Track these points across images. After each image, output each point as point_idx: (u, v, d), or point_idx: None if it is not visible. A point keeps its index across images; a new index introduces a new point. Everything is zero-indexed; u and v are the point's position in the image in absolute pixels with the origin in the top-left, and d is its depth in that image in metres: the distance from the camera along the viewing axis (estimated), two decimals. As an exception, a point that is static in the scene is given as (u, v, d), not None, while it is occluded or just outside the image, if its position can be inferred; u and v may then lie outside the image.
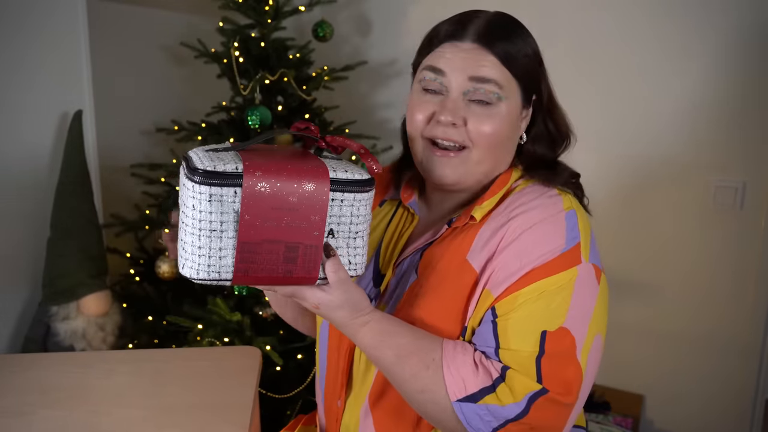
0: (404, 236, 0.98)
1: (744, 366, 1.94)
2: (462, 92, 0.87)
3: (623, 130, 2.01)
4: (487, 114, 0.86)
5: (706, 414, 2.02)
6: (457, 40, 0.87)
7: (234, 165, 0.69)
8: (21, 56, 1.73)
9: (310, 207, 0.71)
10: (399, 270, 0.94)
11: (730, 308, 1.94)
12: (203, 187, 0.68)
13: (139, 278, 2.01)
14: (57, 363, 1.13)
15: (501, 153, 0.90)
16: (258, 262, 0.71)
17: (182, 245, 0.72)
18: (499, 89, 0.86)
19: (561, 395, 0.78)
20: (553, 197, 0.87)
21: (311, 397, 1.72)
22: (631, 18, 1.95)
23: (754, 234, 1.88)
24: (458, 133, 0.87)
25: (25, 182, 1.79)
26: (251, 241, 0.70)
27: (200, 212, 0.69)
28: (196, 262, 0.71)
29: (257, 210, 0.69)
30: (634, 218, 2.03)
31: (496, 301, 0.81)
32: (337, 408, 0.96)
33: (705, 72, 1.88)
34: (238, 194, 0.69)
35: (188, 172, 0.70)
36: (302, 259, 0.73)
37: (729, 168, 1.89)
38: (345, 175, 0.74)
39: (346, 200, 0.74)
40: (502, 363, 0.79)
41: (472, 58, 0.86)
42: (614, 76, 2.00)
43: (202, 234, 0.70)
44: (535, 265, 0.81)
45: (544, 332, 0.79)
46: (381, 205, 1.05)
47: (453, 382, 0.78)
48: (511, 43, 0.87)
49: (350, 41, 2.48)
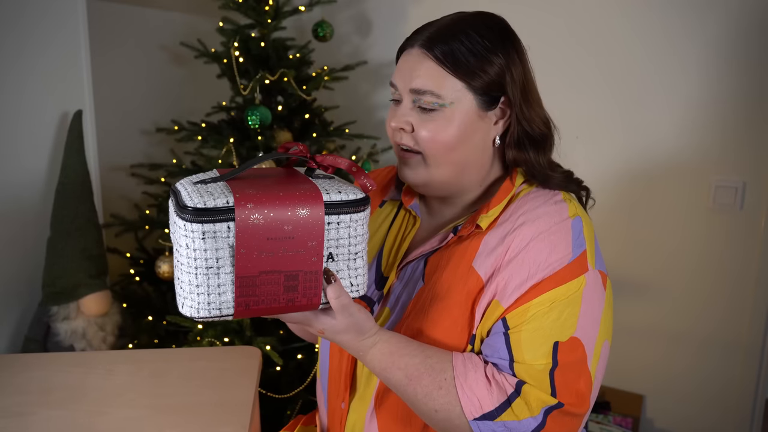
0: (407, 240, 0.98)
1: (744, 366, 1.94)
2: (411, 102, 0.89)
3: (623, 131, 2.01)
4: (429, 119, 0.87)
5: (706, 414, 2.02)
6: (409, 47, 0.90)
7: (224, 198, 0.68)
8: (21, 56, 1.73)
9: (307, 233, 0.70)
10: (403, 274, 0.94)
11: (730, 308, 1.94)
12: (195, 225, 0.67)
13: (139, 278, 2.01)
14: (57, 363, 1.13)
15: (459, 156, 0.88)
16: (258, 294, 0.70)
17: (179, 284, 0.71)
18: (438, 98, 0.86)
19: (575, 407, 0.79)
20: (559, 203, 0.87)
21: (311, 397, 1.72)
22: (632, 18, 1.95)
23: (754, 234, 1.88)
24: (409, 138, 0.89)
25: (25, 182, 1.79)
26: (249, 275, 0.69)
27: (195, 251, 0.68)
28: (195, 301, 0.70)
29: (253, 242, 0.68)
30: (634, 218, 2.03)
31: (507, 312, 0.82)
32: (341, 410, 0.96)
33: (705, 72, 1.88)
34: (231, 229, 0.68)
35: (179, 211, 0.68)
36: (303, 286, 0.72)
37: (729, 168, 1.89)
38: (339, 196, 0.72)
39: (343, 222, 0.73)
40: (516, 377, 0.79)
41: (412, 67, 0.88)
42: (614, 77, 2.00)
43: (198, 272, 0.68)
44: (544, 276, 0.81)
45: (557, 343, 0.80)
46: (381, 205, 1.04)
47: (468, 402, 0.78)
48: (456, 44, 0.86)
49: (350, 41, 2.48)
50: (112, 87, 2.11)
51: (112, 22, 2.13)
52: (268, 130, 1.87)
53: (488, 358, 0.82)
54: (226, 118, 2.00)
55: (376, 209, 1.04)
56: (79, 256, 1.74)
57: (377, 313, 0.94)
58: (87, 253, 1.76)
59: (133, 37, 2.22)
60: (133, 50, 2.23)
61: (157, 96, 2.32)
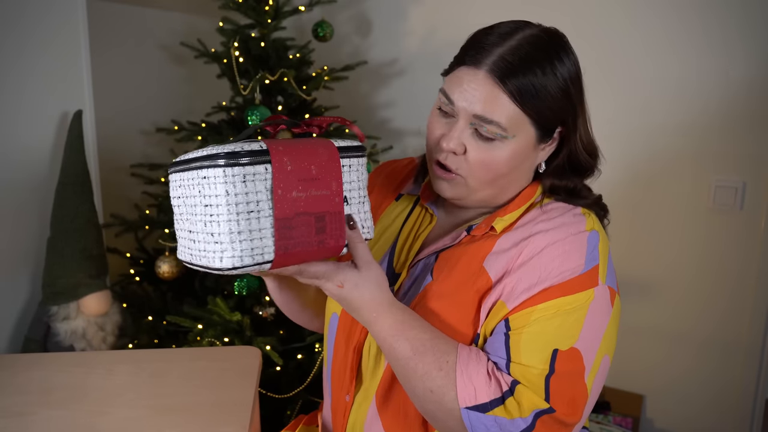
0: (421, 237, 0.97)
1: (744, 366, 1.94)
2: (468, 122, 0.85)
3: (623, 131, 2.01)
4: (487, 149, 0.85)
5: (706, 414, 2.02)
6: (473, 66, 0.84)
7: (257, 144, 0.70)
8: (21, 56, 1.73)
9: (329, 174, 0.74)
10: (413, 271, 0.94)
11: (730, 308, 1.94)
12: (237, 168, 0.68)
13: (139, 278, 2.01)
14: (57, 363, 1.13)
15: (503, 182, 0.89)
16: (294, 237, 0.72)
17: (211, 239, 0.71)
18: (503, 130, 0.83)
19: (566, 415, 0.78)
20: (577, 216, 0.87)
21: (311, 397, 1.72)
22: (632, 18, 1.95)
23: (754, 234, 1.88)
24: (456, 161, 0.87)
25: (25, 182, 1.79)
26: (286, 216, 0.71)
27: (236, 195, 0.69)
28: (237, 249, 0.69)
29: (287, 183, 0.71)
30: (634, 218, 2.04)
31: (511, 314, 0.82)
32: (345, 403, 0.96)
33: (705, 72, 1.88)
34: (269, 170, 0.70)
35: (213, 161, 0.69)
36: (330, 227, 0.75)
37: (729, 168, 1.89)
38: (345, 143, 0.78)
39: (353, 165, 0.78)
40: (512, 377, 0.79)
41: (480, 91, 0.83)
42: (614, 77, 2.00)
43: (240, 218, 0.69)
44: (553, 283, 0.81)
45: (556, 350, 0.79)
46: (398, 199, 1.04)
47: (464, 389, 0.78)
48: (530, 78, 0.82)
49: (350, 41, 2.48)
50: (112, 87, 2.11)
51: (112, 22, 2.13)
52: (268, 130, 1.86)
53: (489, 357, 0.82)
54: (226, 118, 2.00)
55: (391, 202, 1.04)
56: (79, 256, 1.74)
57: None
58: (87, 253, 1.76)
59: (133, 37, 2.22)
60: (133, 50, 2.23)
61: (156, 96, 2.32)
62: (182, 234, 0.78)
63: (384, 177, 1.08)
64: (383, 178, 1.08)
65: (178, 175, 0.77)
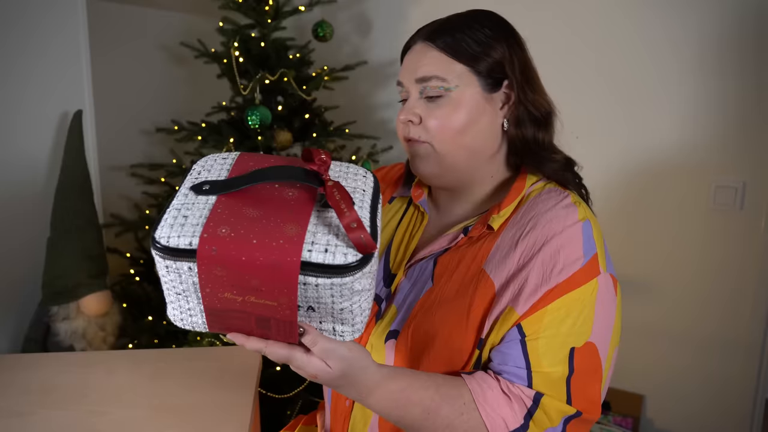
0: (415, 237, 0.98)
1: (744, 366, 1.94)
2: (418, 94, 0.91)
3: (623, 131, 2.01)
4: (437, 107, 0.89)
5: (707, 414, 2.02)
6: (411, 44, 0.94)
7: (189, 239, 0.63)
8: (21, 56, 1.73)
9: (277, 290, 0.62)
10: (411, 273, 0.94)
11: (730, 308, 1.94)
12: (158, 257, 0.66)
13: (139, 278, 2.01)
14: (57, 363, 1.13)
15: (468, 141, 0.90)
16: (230, 325, 0.69)
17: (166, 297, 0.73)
18: (443, 81, 0.88)
19: (589, 413, 0.79)
20: (568, 206, 0.87)
21: (311, 397, 1.72)
22: (632, 18, 1.95)
23: (754, 234, 1.88)
24: (416, 130, 0.91)
25: (25, 182, 1.79)
26: (217, 310, 0.66)
27: (163, 276, 0.68)
28: (171, 313, 0.73)
29: (217, 286, 0.63)
30: (634, 218, 2.03)
31: (522, 319, 0.81)
32: (345, 408, 0.96)
33: (705, 72, 1.88)
34: (193, 269, 0.64)
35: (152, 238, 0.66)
36: (276, 329, 0.67)
37: (729, 168, 1.89)
38: (323, 257, 0.62)
39: (322, 285, 0.64)
40: (533, 389, 0.79)
41: (416, 59, 0.91)
42: (614, 77, 2.00)
43: (170, 293, 0.69)
44: (559, 281, 0.81)
45: (573, 349, 0.79)
46: (390, 201, 1.06)
47: (493, 423, 0.77)
48: (459, 34, 0.90)
49: (350, 41, 2.48)
50: (112, 87, 2.11)
51: (112, 22, 2.13)
52: (268, 130, 1.86)
53: (501, 366, 0.81)
54: (226, 118, 2.00)
55: (385, 205, 1.06)
56: (79, 256, 1.74)
57: (384, 311, 0.94)
58: (87, 253, 1.76)
59: (133, 37, 2.22)
60: (133, 50, 2.23)
61: (157, 96, 2.32)
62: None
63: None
64: None
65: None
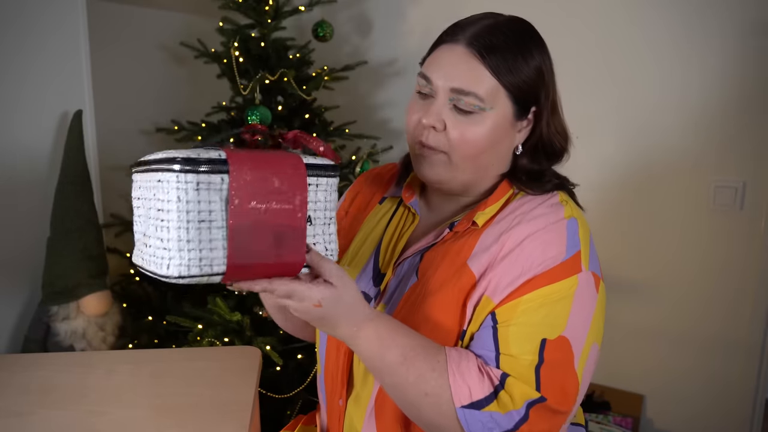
0: (404, 236, 0.98)
1: (744, 366, 1.94)
2: (447, 100, 0.87)
3: (623, 131, 2.01)
4: (467, 122, 0.86)
5: (706, 414, 2.02)
6: (451, 42, 0.87)
7: (216, 153, 0.68)
8: (20, 56, 1.72)
9: (293, 188, 0.72)
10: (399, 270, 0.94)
11: (730, 308, 1.94)
12: (190, 175, 0.65)
13: (139, 278, 2.01)
14: (57, 363, 1.13)
15: (485, 161, 0.89)
16: (249, 249, 0.69)
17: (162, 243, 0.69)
18: (480, 101, 0.85)
19: (558, 404, 0.78)
20: (555, 205, 0.88)
21: (311, 397, 1.72)
22: (632, 18, 1.95)
23: (754, 234, 1.88)
24: (438, 138, 0.87)
25: (25, 182, 1.79)
26: (241, 227, 0.68)
27: (187, 203, 0.66)
28: (185, 258, 0.67)
29: (245, 193, 0.68)
30: (634, 219, 2.04)
31: (497, 307, 0.81)
32: (339, 407, 0.96)
33: (705, 72, 1.88)
34: (225, 180, 0.67)
35: (168, 164, 0.66)
36: (289, 242, 0.72)
37: (729, 168, 1.89)
38: (315, 160, 0.75)
39: (321, 185, 0.76)
40: (501, 370, 0.79)
41: (458, 65, 0.85)
42: (614, 77, 2.00)
43: (190, 226, 0.67)
44: (537, 273, 0.81)
45: (544, 340, 0.79)
46: (381, 202, 1.05)
47: (458, 388, 0.77)
48: (507, 55, 0.85)
49: (350, 41, 2.48)
50: (112, 87, 2.11)
51: (112, 22, 2.13)
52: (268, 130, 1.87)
53: (473, 350, 0.82)
54: (226, 118, 2.00)
55: (375, 206, 1.05)
56: (79, 256, 1.74)
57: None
58: (87, 253, 1.76)
59: (133, 37, 2.22)
60: (133, 50, 2.23)
61: (157, 96, 2.32)
62: (138, 236, 0.76)
63: (368, 183, 1.10)
64: (367, 185, 1.10)
65: (139, 175, 0.75)
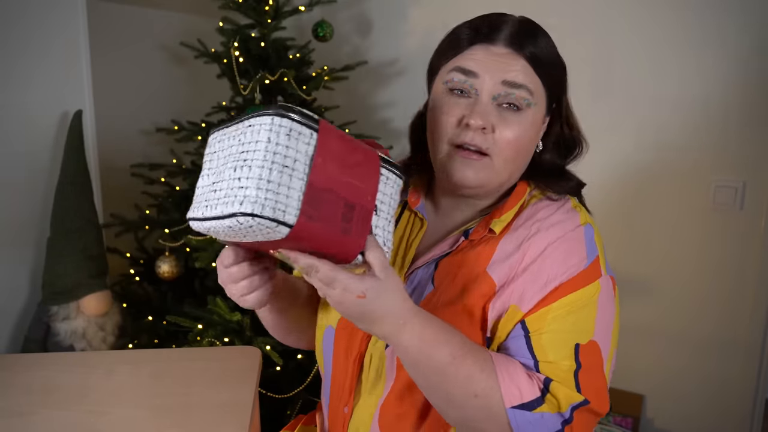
0: (414, 243, 0.96)
1: (744, 366, 1.94)
2: (492, 96, 0.84)
3: (623, 131, 2.01)
4: (517, 120, 0.84)
5: (706, 414, 2.02)
6: (489, 43, 0.85)
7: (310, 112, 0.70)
8: (21, 56, 1.73)
9: (370, 168, 0.73)
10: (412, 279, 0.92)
11: (730, 308, 1.94)
12: (285, 120, 0.67)
13: (139, 278, 2.01)
14: (57, 363, 1.13)
15: (521, 161, 0.89)
16: (321, 210, 0.69)
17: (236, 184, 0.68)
18: (530, 95, 0.84)
19: (598, 406, 0.79)
20: (570, 212, 0.88)
21: (311, 397, 1.72)
22: (632, 18, 1.95)
23: (754, 234, 1.88)
24: (485, 140, 0.84)
25: (25, 182, 1.79)
26: (319, 186, 0.69)
27: (277, 144, 0.67)
28: (261, 197, 0.66)
29: (329, 155, 0.70)
30: (634, 218, 2.04)
31: (526, 316, 0.82)
32: (343, 414, 0.94)
33: (705, 72, 1.88)
34: (313, 137, 0.69)
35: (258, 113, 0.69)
36: (356, 220, 0.72)
37: (729, 168, 1.89)
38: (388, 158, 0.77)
39: (390, 180, 0.76)
40: (543, 375, 0.79)
41: (505, 62, 0.84)
42: (614, 77, 2.00)
43: (274, 167, 0.67)
44: (562, 281, 0.82)
45: (577, 345, 0.80)
46: None
47: (508, 389, 0.76)
48: (541, 49, 0.86)
49: (350, 41, 2.48)
50: (112, 87, 2.11)
51: (112, 22, 2.13)
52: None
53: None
54: (226, 118, 2.00)
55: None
56: (79, 256, 1.74)
57: None
58: (87, 253, 1.76)
59: (133, 37, 2.23)
60: (133, 50, 2.23)
61: (157, 96, 2.32)
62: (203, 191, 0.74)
63: None
64: None
65: (220, 131, 0.75)
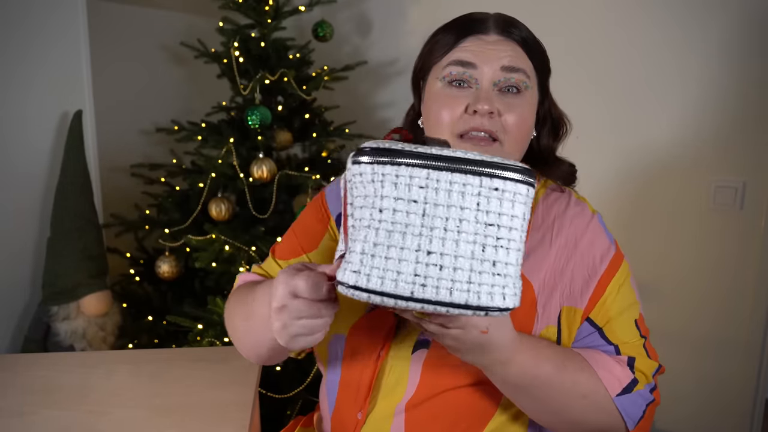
0: None
1: (744, 366, 1.94)
2: (492, 83, 0.85)
3: (623, 130, 2.01)
4: (519, 103, 0.86)
5: (706, 414, 2.02)
6: (481, 33, 0.87)
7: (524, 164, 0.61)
8: (21, 56, 1.73)
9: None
10: None
11: (729, 308, 1.94)
12: (531, 189, 0.56)
13: (139, 278, 2.01)
14: (57, 363, 1.13)
15: (524, 144, 0.90)
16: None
17: (491, 270, 0.57)
18: (527, 78, 0.87)
19: (662, 371, 0.88)
20: (579, 203, 0.93)
21: (311, 397, 1.72)
22: (632, 17, 1.95)
23: (754, 234, 1.88)
24: (493, 124, 0.84)
25: (25, 182, 1.79)
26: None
27: (524, 220, 0.57)
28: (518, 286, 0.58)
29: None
30: (634, 218, 2.03)
31: (588, 313, 0.86)
32: (355, 420, 0.91)
33: (704, 72, 1.88)
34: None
35: (511, 174, 0.56)
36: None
37: (729, 168, 1.89)
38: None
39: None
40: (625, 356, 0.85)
41: (500, 48, 0.86)
42: (614, 77, 2.00)
43: (521, 246, 0.57)
44: (603, 270, 0.87)
45: (636, 320, 0.87)
46: None
47: (609, 380, 0.81)
48: (527, 34, 0.90)
49: (350, 41, 2.48)
50: (112, 87, 2.11)
51: (112, 22, 2.13)
52: (268, 130, 1.87)
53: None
54: (226, 118, 2.00)
55: None
56: (79, 256, 1.74)
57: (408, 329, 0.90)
58: (87, 253, 1.76)
59: (133, 37, 2.23)
60: (133, 50, 2.23)
61: (157, 96, 2.32)
62: (396, 253, 0.56)
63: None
64: None
65: (416, 170, 0.57)
